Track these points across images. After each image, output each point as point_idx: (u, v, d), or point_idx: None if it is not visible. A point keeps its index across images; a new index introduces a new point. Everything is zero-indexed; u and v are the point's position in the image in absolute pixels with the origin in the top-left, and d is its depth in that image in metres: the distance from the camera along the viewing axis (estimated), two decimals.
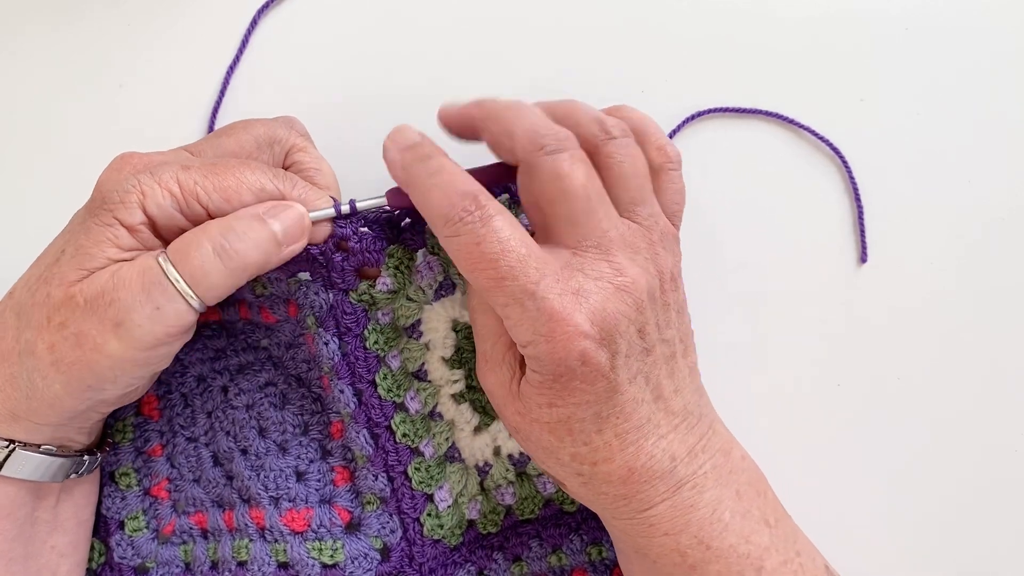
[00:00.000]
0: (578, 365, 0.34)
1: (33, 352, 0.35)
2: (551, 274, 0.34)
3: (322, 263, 0.39)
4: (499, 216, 0.34)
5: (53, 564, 0.41)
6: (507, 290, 0.33)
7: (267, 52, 0.48)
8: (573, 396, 0.34)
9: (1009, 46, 0.49)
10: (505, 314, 0.34)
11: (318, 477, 0.44)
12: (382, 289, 0.40)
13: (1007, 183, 0.49)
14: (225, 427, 0.44)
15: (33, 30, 0.49)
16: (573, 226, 0.35)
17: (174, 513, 0.45)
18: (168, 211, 0.36)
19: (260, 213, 0.36)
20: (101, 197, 0.36)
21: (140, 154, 0.37)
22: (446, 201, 0.34)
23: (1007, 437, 0.48)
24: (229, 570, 0.43)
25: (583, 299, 0.34)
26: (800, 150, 0.49)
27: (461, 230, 0.34)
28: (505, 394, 0.37)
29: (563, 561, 0.45)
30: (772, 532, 0.38)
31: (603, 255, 0.35)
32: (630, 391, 0.35)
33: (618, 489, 0.36)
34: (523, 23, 0.49)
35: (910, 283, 0.48)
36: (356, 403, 0.42)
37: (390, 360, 0.42)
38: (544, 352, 0.34)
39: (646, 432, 0.36)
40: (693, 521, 0.36)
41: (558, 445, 0.36)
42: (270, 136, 0.41)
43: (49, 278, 0.36)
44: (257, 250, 0.36)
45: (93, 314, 0.34)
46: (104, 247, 0.35)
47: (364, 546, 0.43)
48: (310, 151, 0.42)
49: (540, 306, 0.33)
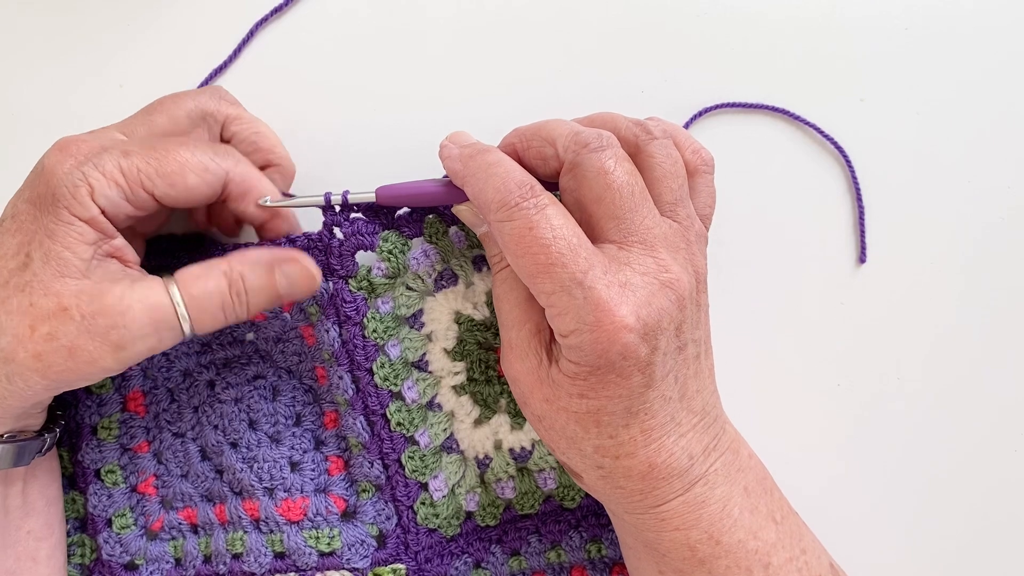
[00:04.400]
0: (619, 359, 0.34)
1: (13, 359, 0.35)
2: (599, 265, 0.34)
3: (320, 249, 0.40)
4: (553, 206, 0.35)
5: (31, 549, 0.41)
6: (556, 277, 0.34)
7: (265, 55, 0.48)
8: (607, 389, 0.35)
9: (1009, 46, 0.49)
10: (551, 302, 0.34)
11: (312, 467, 0.44)
12: (377, 274, 0.41)
13: (1007, 183, 0.49)
14: (213, 421, 0.44)
15: (33, 30, 0.48)
16: (618, 222, 0.35)
17: (162, 509, 0.45)
18: (115, 200, 0.36)
19: (271, 263, 0.38)
20: (51, 193, 0.35)
21: (78, 140, 0.37)
22: (504, 187, 0.35)
23: (1007, 437, 0.48)
24: (224, 563, 0.44)
25: (630, 292, 0.34)
26: (802, 150, 0.48)
27: (516, 215, 0.34)
28: (533, 381, 0.37)
29: (562, 558, 0.45)
30: (779, 528, 0.38)
31: (648, 251, 0.35)
32: (661, 388, 0.36)
33: (636, 484, 0.36)
34: (522, 24, 0.48)
35: (910, 283, 0.48)
36: (354, 390, 0.42)
37: (389, 349, 0.42)
38: (587, 342, 0.34)
39: (669, 430, 0.36)
40: (704, 517, 0.37)
41: (583, 436, 0.36)
42: (201, 109, 0.41)
43: (23, 286, 0.35)
44: (261, 298, 0.39)
45: (92, 332, 0.35)
46: (75, 248, 0.35)
47: (361, 533, 0.44)
48: (244, 117, 0.42)
49: (588, 295, 0.33)
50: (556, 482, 0.45)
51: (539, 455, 0.44)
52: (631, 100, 0.47)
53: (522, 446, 0.44)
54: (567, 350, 0.35)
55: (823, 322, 0.48)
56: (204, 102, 0.41)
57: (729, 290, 0.47)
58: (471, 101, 0.48)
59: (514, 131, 0.39)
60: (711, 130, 0.48)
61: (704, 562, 0.37)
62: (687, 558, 0.37)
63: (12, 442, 0.38)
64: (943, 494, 0.48)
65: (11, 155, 0.47)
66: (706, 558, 0.37)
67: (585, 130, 0.37)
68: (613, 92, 0.47)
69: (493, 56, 0.48)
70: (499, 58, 0.48)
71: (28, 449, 0.39)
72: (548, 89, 0.48)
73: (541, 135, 0.38)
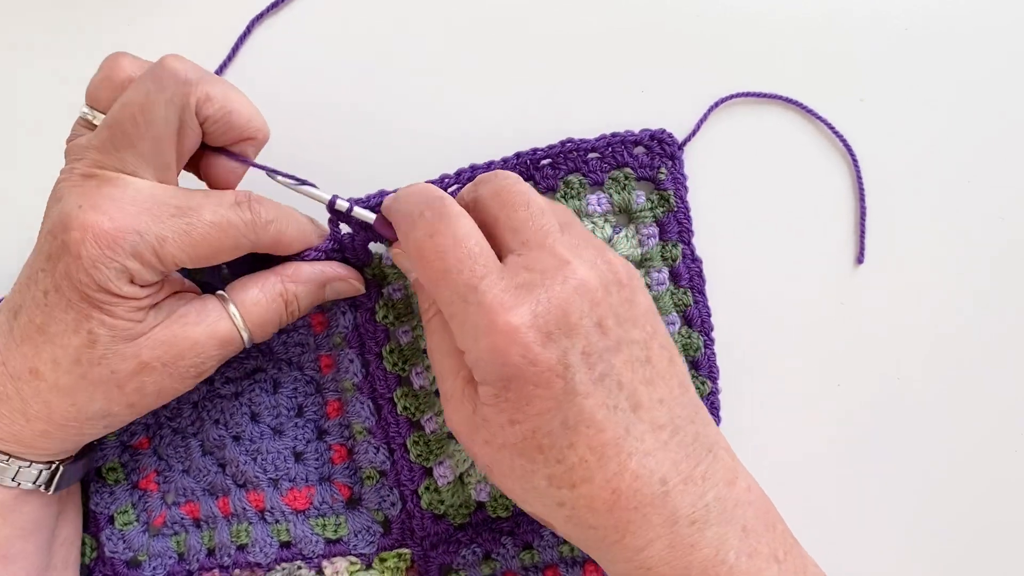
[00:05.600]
0: (525, 363, 0.32)
1: (109, 414, 0.38)
2: (495, 272, 0.33)
3: (336, 249, 0.41)
4: (460, 216, 0.35)
5: (65, 556, 0.42)
6: (452, 284, 0.33)
7: (263, 55, 0.48)
8: (532, 404, 0.33)
9: (1009, 46, 0.49)
10: (450, 314, 0.34)
11: (316, 456, 0.45)
12: (387, 263, 0.43)
13: (1007, 183, 0.48)
14: (214, 416, 0.44)
15: (33, 29, 0.48)
16: (515, 232, 0.35)
17: (164, 505, 0.45)
18: (151, 279, 0.36)
19: (324, 281, 0.41)
20: (92, 283, 0.34)
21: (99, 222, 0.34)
22: (416, 199, 0.36)
23: (1007, 437, 0.48)
24: (228, 554, 0.44)
25: (525, 292, 0.33)
26: (804, 149, 0.48)
27: (418, 223, 0.35)
28: (471, 430, 0.35)
29: (575, 552, 0.45)
30: (781, 568, 0.35)
31: (547, 252, 0.34)
32: (597, 395, 0.33)
33: (606, 520, 0.33)
34: (522, 24, 0.48)
35: (910, 282, 0.48)
36: (363, 374, 0.43)
37: (400, 335, 0.43)
38: (485, 349, 0.32)
39: (627, 448, 0.33)
40: (695, 564, 0.33)
41: (531, 468, 0.34)
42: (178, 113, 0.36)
43: (98, 360, 0.36)
44: (308, 310, 0.41)
45: (175, 375, 0.38)
46: (134, 316, 0.36)
47: (366, 519, 0.44)
48: (214, 96, 0.37)
49: (481, 300, 0.32)
50: None
51: None
52: (631, 100, 0.47)
53: None
54: (476, 372, 0.34)
55: (823, 322, 0.48)
56: (170, 98, 0.36)
57: (729, 289, 0.47)
58: (470, 99, 0.48)
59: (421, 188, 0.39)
60: (717, 125, 0.48)
61: None
62: None
63: (81, 459, 0.41)
64: (943, 494, 0.48)
65: (11, 155, 0.47)
66: None
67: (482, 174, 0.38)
68: (613, 92, 0.48)
69: (493, 54, 0.48)
70: (499, 57, 0.48)
71: (80, 469, 0.42)
72: (548, 89, 0.48)
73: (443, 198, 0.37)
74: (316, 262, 0.41)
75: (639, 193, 0.45)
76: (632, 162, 0.45)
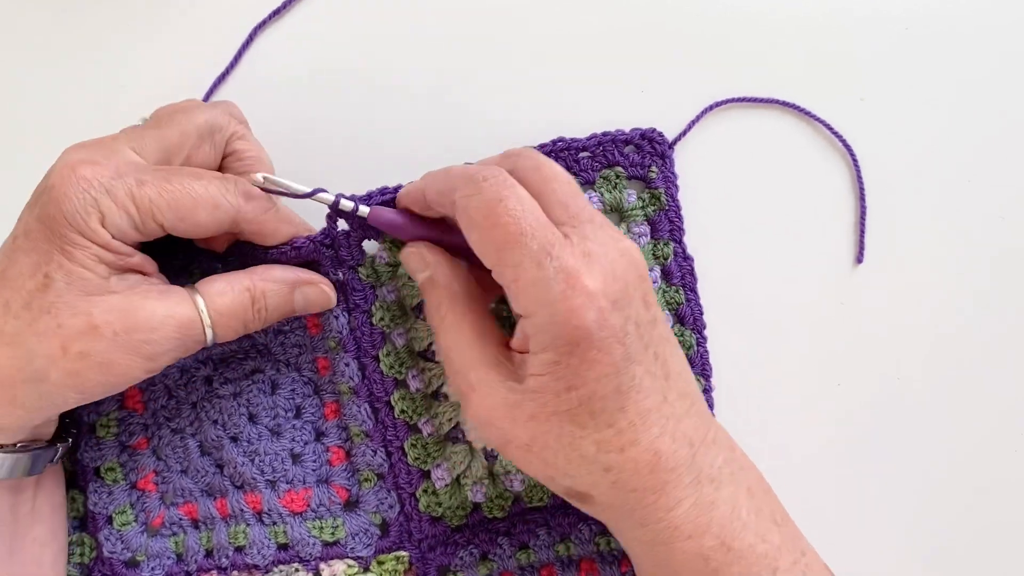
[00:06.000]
0: (595, 327, 0.34)
1: (46, 379, 0.36)
2: (562, 239, 0.35)
3: (327, 244, 0.41)
4: (520, 186, 0.36)
5: (36, 555, 0.41)
6: (526, 247, 0.34)
7: (265, 63, 0.48)
8: (592, 369, 0.34)
9: (1009, 46, 0.49)
10: (517, 275, 0.34)
11: (314, 458, 0.45)
12: (381, 262, 0.42)
13: (1007, 183, 0.48)
14: (212, 416, 0.44)
15: (33, 29, 0.48)
16: (565, 207, 0.36)
17: (162, 505, 0.45)
18: (124, 228, 0.36)
19: (294, 284, 0.41)
20: (61, 216, 0.35)
21: (88, 159, 0.36)
22: (470, 170, 0.36)
23: (1007, 437, 0.48)
24: (226, 556, 0.44)
25: (594, 262, 0.34)
26: (804, 148, 0.48)
27: (485, 188, 0.35)
28: (511, 409, 0.36)
29: (571, 551, 0.45)
30: (781, 531, 0.38)
31: (599, 227, 0.36)
32: (645, 363, 0.35)
33: (647, 481, 0.35)
34: (522, 24, 0.48)
35: (910, 282, 0.48)
36: (360, 377, 0.43)
37: (395, 337, 0.43)
38: (561, 312, 0.34)
39: (665, 412, 0.36)
40: (715, 520, 0.36)
41: (581, 434, 0.35)
42: (211, 124, 0.41)
43: (47, 307, 0.35)
44: (278, 315, 0.41)
45: (125, 347, 0.36)
46: (95, 268, 0.36)
47: (364, 522, 0.44)
48: (249, 138, 0.43)
49: (557, 264, 0.34)
50: None
51: None
52: (631, 100, 0.47)
53: None
54: (538, 336, 0.35)
55: (823, 322, 0.48)
56: (215, 116, 0.41)
57: (729, 289, 0.47)
58: (471, 101, 0.48)
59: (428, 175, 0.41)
60: (718, 124, 0.48)
61: (718, 571, 0.36)
62: (700, 570, 0.36)
63: (27, 451, 0.39)
64: (943, 494, 0.48)
65: (11, 155, 0.48)
66: (720, 567, 0.36)
67: (510, 148, 0.39)
68: (613, 91, 0.48)
69: (493, 57, 0.48)
70: (499, 58, 0.48)
71: (42, 458, 0.40)
72: (548, 89, 0.48)
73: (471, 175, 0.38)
74: (289, 267, 0.41)
75: (630, 192, 0.45)
76: (623, 161, 0.45)
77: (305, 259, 0.42)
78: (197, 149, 0.40)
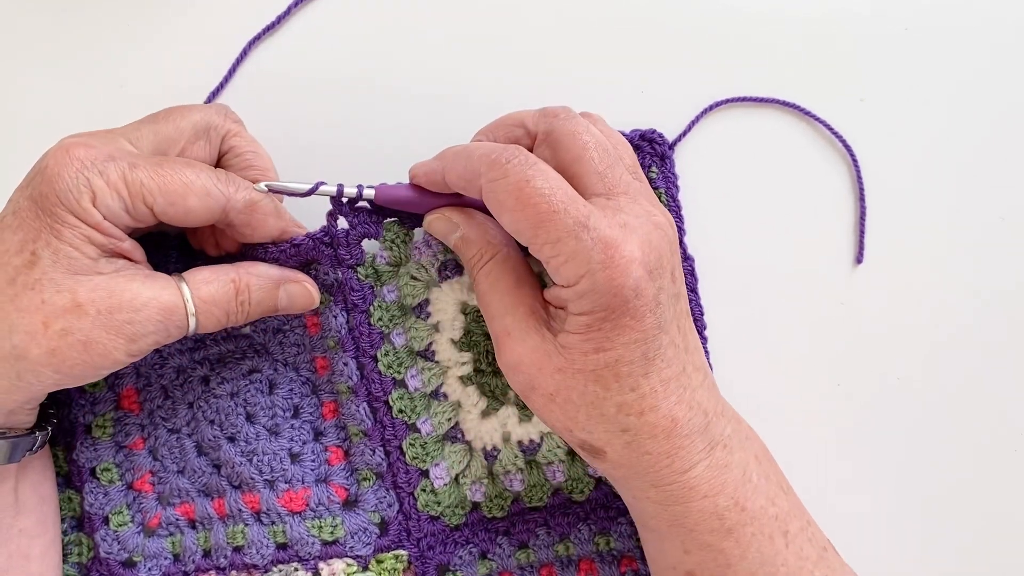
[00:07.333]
0: (632, 296, 0.35)
1: (26, 356, 0.36)
2: (596, 211, 0.35)
3: (327, 242, 0.41)
4: (543, 162, 0.36)
5: (24, 547, 0.41)
6: (561, 223, 0.34)
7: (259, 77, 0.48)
8: (623, 335, 0.35)
9: (1009, 46, 0.49)
10: (556, 251, 0.35)
11: (312, 458, 0.44)
12: (381, 262, 0.42)
13: (1007, 183, 0.48)
14: (209, 416, 0.44)
15: (34, 30, 0.48)
16: (600, 176, 0.37)
17: (159, 505, 0.44)
18: (115, 210, 0.37)
19: (278, 280, 0.41)
20: (53, 194, 0.36)
21: (84, 144, 0.37)
22: (491, 151, 0.36)
23: (1007, 437, 0.48)
24: (224, 556, 0.44)
25: (631, 232, 0.35)
26: (804, 148, 0.48)
27: (510, 171, 0.35)
28: (539, 357, 0.37)
29: (570, 551, 0.46)
30: (788, 498, 0.39)
31: (633, 200, 0.37)
32: (671, 333, 0.37)
33: (662, 445, 0.37)
34: (522, 23, 0.48)
35: (910, 283, 0.48)
36: (358, 376, 0.43)
37: (394, 337, 0.43)
38: (601, 281, 0.34)
39: (683, 382, 0.37)
40: (729, 481, 0.37)
41: (604, 395, 0.36)
42: (206, 122, 0.41)
43: (32, 283, 0.35)
44: (260, 309, 0.41)
45: (107, 326, 0.36)
46: (83, 248, 0.36)
47: (363, 521, 0.44)
48: (244, 135, 0.43)
49: (595, 236, 0.34)
50: (565, 475, 0.45)
51: (548, 448, 0.45)
52: (631, 99, 0.48)
53: (531, 439, 0.45)
54: (577, 301, 0.35)
55: (823, 322, 0.48)
56: (210, 116, 0.42)
57: (729, 289, 0.48)
58: (469, 102, 0.48)
59: (478, 132, 0.42)
60: (718, 125, 0.48)
61: (732, 531, 0.37)
62: (715, 529, 0.37)
63: (4, 439, 0.38)
64: (943, 494, 0.48)
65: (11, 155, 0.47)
66: (734, 526, 0.37)
67: (550, 106, 0.40)
68: (613, 91, 0.48)
69: (492, 56, 0.48)
70: (498, 58, 0.48)
71: (20, 446, 0.39)
72: (548, 89, 0.48)
73: (507, 122, 0.40)
74: (275, 265, 0.41)
75: None
76: None
77: (304, 257, 0.42)
78: (192, 144, 0.41)
